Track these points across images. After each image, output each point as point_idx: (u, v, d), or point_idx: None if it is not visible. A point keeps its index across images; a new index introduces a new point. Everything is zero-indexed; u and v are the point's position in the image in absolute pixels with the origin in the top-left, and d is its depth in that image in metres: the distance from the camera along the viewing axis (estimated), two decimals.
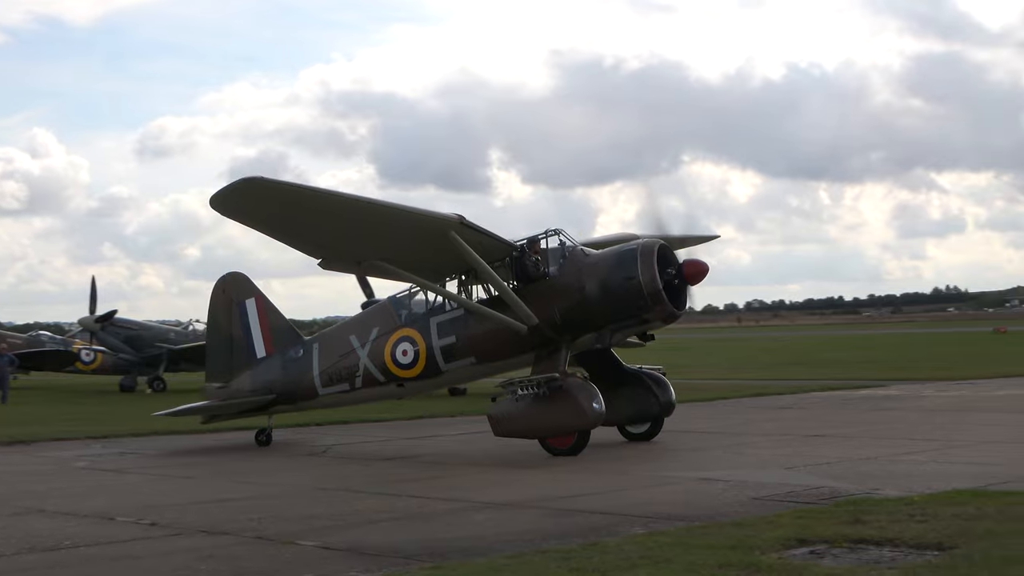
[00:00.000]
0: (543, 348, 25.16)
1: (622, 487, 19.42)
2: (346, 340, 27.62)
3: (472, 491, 19.59)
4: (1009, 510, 14.67)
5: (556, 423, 24.23)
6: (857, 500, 16.33)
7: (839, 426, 28.70)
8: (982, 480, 18.26)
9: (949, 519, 14.18)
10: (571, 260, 25.40)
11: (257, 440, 28.78)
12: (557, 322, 24.95)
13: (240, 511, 17.76)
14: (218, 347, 29.62)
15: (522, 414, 24.46)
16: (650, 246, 24.81)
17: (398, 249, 24.48)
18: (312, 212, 23.17)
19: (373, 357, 26.92)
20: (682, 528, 14.52)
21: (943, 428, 27.39)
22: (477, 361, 26.10)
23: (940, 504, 15.36)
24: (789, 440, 26.16)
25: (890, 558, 12.35)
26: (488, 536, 14.87)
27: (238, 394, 28.81)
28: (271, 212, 23.07)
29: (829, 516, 14.82)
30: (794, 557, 12.52)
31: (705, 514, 15.82)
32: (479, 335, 25.72)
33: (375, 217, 23.69)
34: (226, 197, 22.34)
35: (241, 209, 23.17)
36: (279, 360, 28.65)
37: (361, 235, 24.03)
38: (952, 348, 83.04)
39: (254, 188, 22.11)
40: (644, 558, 12.51)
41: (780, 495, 17.58)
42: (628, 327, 25.37)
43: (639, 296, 24.41)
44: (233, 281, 29.92)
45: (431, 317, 26.37)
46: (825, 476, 19.78)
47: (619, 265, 24.73)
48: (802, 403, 37.42)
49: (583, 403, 23.98)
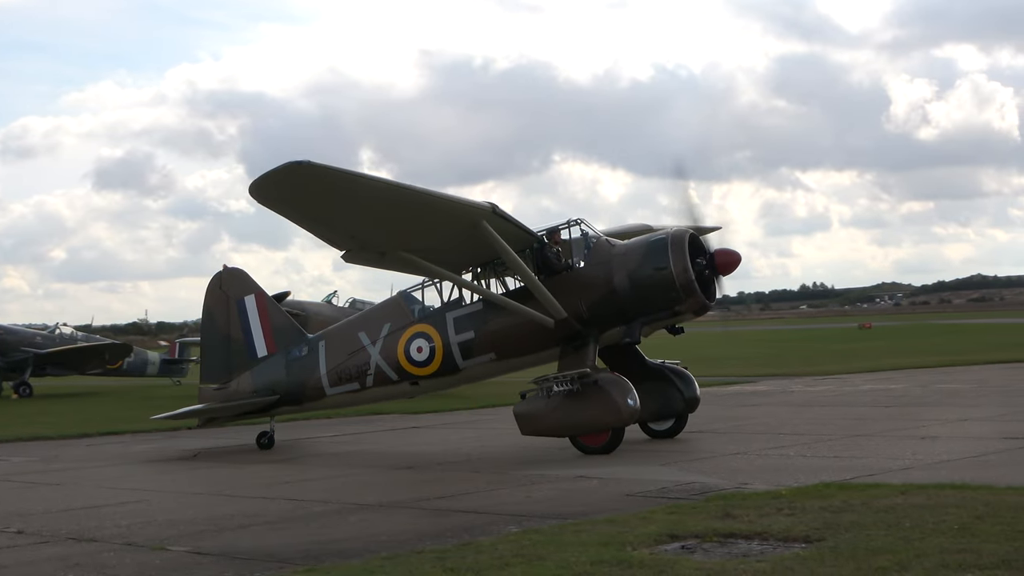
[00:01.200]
0: (568, 343, 24.24)
1: (499, 486, 19.48)
2: (355, 337, 26.44)
3: (348, 493, 19.53)
4: (874, 502, 14.99)
5: (589, 420, 23.37)
6: (727, 495, 16.61)
7: (709, 422, 29.05)
8: (849, 473, 18.69)
9: (816, 512, 14.47)
10: (597, 251, 24.58)
11: (259, 443, 27.62)
12: (584, 315, 24.06)
13: (110, 517, 17.50)
14: (214, 346, 28.33)
15: (552, 411, 23.58)
16: (681, 235, 24.02)
17: (425, 239, 23.37)
18: (353, 199, 21.87)
19: (385, 354, 25.76)
20: (556, 526, 14.62)
21: (811, 423, 27.92)
22: (497, 357, 25.02)
23: (807, 497, 15.67)
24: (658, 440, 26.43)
25: (759, 551, 12.57)
26: (364, 537, 14.85)
27: (238, 395, 27.57)
28: (314, 198, 21.70)
29: (700, 511, 15.05)
30: (666, 552, 12.68)
31: (579, 511, 15.95)
32: (500, 330, 24.72)
33: (412, 204, 22.40)
34: (270, 183, 20.99)
35: (283, 195, 21.74)
36: (282, 359, 27.43)
37: (394, 224, 22.75)
38: (819, 344, 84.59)
39: (302, 173, 20.77)
40: (518, 556, 12.58)
41: (653, 491, 17.81)
42: (659, 320, 24.45)
43: (671, 287, 23.62)
44: (230, 277, 28.69)
45: (447, 312, 25.32)
46: (696, 472, 20.08)
47: (649, 255, 23.91)
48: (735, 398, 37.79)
49: (618, 399, 23.15)
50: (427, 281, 25.79)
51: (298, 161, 20.46)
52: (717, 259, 24.22)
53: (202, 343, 29.54)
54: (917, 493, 15.60)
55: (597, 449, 23.27)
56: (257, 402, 27.37)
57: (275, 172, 20.56)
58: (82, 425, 34.89)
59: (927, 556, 11.65)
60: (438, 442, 28.12)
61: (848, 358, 59.73)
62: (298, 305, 49.45)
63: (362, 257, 24.09)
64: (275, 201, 22.02)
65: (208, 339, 28.75)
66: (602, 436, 23.38)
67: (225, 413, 27.92)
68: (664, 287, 23.64)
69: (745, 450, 23.06)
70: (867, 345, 78.77)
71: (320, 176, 21.05)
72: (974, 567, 11.14)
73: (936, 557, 11.59)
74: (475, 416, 34.14)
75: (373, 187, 21.96)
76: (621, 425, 23.44)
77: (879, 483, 17.05)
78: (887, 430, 25.50)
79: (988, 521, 13.29)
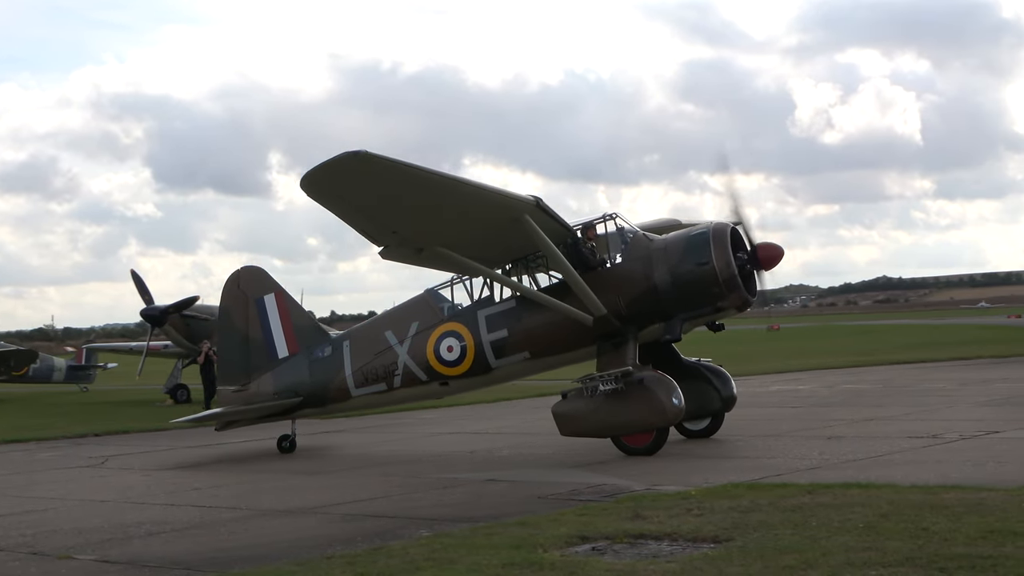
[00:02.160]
0: (606, 341, 23.43)
1: (411, 491, 19.44)
2: (381, 337, 25.64)
3: (257, 499, 19.38)
4: (782, 502, 15.17)
5: (633, 420, 22.67)
6: (637, 496, 16.71)
7: None
8: (757, 473, 18.88)
9: (725, 512, 14.61)
10: (635, 246, 23.83)
11: (280, 446, 26.99)
12: (622, 312, 23.25)
13: (15, 527, 17.22)
14: (232, 347, 27.41)
15: (594, 412, 22.90)
16: (722, 229, 23.43)
17: (465, 234, 22.60)
18: (404, 190, 21.02)
19: (414, 354, 24.99)
20: (467, 529, 14.62)
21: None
22: (531, 356, 24.20)
23: (716, 498, 15.82)
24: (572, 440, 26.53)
25: (669, 552, 12.66)
26: (273, 543, 14.75)
27: (259, 397, 26.71)
28: (365, 190, 20.89)
29: (611, 512, 15.13)
30: (576, 554, 12.74)
31: (490, 514, 15.96)
32: (535, 328, 23.92)
33: (460, 196, 21.65)
34: (324, 174, 20.18)
35: (335, 187, 20.81)
36: (304, 360, 26.64)
37: (438, 217, 21.93)
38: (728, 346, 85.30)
39: (359, 164, 19.97)
40: (429, 560, 12.58)
41: (564, 493, 17.87)
42: (701, 316, 23.76)
43: (713, 283, 22.98)
44: (248, 276, 27.81)
45: (478, 310, 24.53)
46: (607, 473, 20.18)
47: (690, 250, 23.23)
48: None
49: (663, 398, 22.46)
50: (456, 278, 25.05)
51: (355, 151, 19.71)
52: (760, 253, 23.62)
53: (219, 344, 28.56)
54: (824, 492, 15.80)
55: (641, 450, 22.64)
56: (279, 404, 26.54)
57: (331, 163, 19.85)
58: None
59: (833, 554, 11.81)
60: (353, 446, 28.02)
61: (756, 359, 60.29)
62: (207, 310, 48.90)
63: (399, 253, 23.13)
64: (326, 193, 21.16)
65: (225, 340, 27.83)
66: (646, 437, 22.75)
67: (246, 416, 27.00)
68: (707, 283, 23.02)
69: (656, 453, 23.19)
70: (775, 346, 79.63)
71: (375, 167, 20.23)
72: (878, 565, 11.31)
73: (842, 555, 11.75)
74: (392, 420, 33.98)
75: (426, 178, 20.97)
76: (666, 425, 22.90)
77: (787, 483, 17.24)
78: (794, 430, 25.80)
79: (892, 519, 13.50)
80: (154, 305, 48.02)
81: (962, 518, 13.36)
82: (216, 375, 28.25)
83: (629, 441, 22.84)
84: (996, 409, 28.66)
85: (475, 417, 34.10)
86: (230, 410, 26.80)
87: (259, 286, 27.45)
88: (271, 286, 27.49)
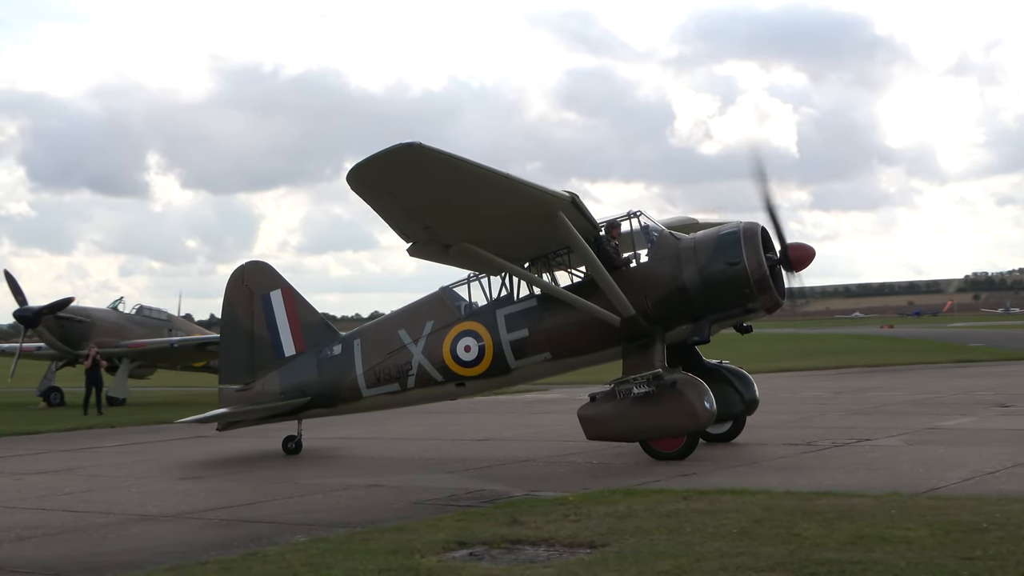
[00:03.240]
0: (631, 342, 22.72)
1: (288, 495, 19.29)
2: (394, 335, 24.79)
3: (132, 503, 19.07)
4: (658, 508, 15.34)
5: (664, 424, 22.02)
6: (516, 502, 16.77)
7: (499, 430, 29.35)
8: (634, 479, 19.05)
9: (602, 518, 14.74)
10: (661, 244, 23.12)
11: (285, 448, 26.17)
12: (649, 312, 22.53)
13: None
14: (236, 344, 26.49)
15: (623, 415, 22.26)
16: (753, 228, 22.78)
17: (497, 230, 21.90)
18: (451, 184, 20.35)
19: (429, 354, 24.20)
20: (345, 534, 14.57)
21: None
22: (553, 357, 23.43)
23: (593, 503, 15.95)
24: (453, 444, 26.59)
25: (545, 557, 12.74)
26: (147, 549, 14.54)
27: (264, 397, 25.84)
28: (412, 184, 20.13)
29: (489, 518, 15.17)
30: (453, 559, 12.76)
31: (368, 520, 15.92)
32: (557, 328, 23.18)
33: (501, 191, 20.90)
34: (375, 166, 19.56)
35: (383, 180, 20.06)
36: (313, 358, 25.79)
37: (475, 213, 21.31)
38: None
39: (411, 156, 19.29)
40: (306, 566, 12.51)
41: (442, 499, 17.88)
42: (730, 317, 23.06)
43: (744, 283, 22.29)
44: (254, 271, 26.91)
45: (497, 308, 23.75)
46: (486, 479, 20.23)
47: (721, 249, 22.54)
48: (467, 407, 37.91)
49: (695, 402, 21.86)
50: (473, 275, 24.36)
51: (408, 143, 19.12)
52: (791, 253, 22.95)
53: (222, 341, 27.50)
54: (699, 498, 16.02)
55: (671, 455, 21.97)
56: (286, 404, 25.71)
57: (383, 155, 19.32)
58: None
59: (707, 560, 11.98)
60: (227, 453, 27.69)
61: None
62: (83, 312, 48.14)
63: (427, 250, 22.50)
64: (372, 186, 20.45)
65: (229, 337, 26.96)
66: (676, 441, 22.08)
67: (251, 416, 26.11)
68: (738, 283, 22.35)
69: (535, 457, 23.31)
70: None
71: (427, 159, 19.61)
72: (751, 570, 11.49)
73: (715, 561, 11.92)
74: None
75: (475, 173, 20.36)
76: (698, 429, 22.26)
77: (663, 489, 17.45)
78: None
79: (766, 525, 13.73)
80: (27, 306, 47.13)
81: (833, 524, 13.63)
82: (99, 380, 27.22)
83: (659, 446, 22.21)
84: (868, 417, 29.25)
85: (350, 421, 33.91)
86: (237, 410, 25.89)
87: (265, 282, 26.65)
88: (278, 282, 26.71)
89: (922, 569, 11.27)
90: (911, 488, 16.86)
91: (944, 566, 11.34)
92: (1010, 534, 12.69)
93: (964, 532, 12.89)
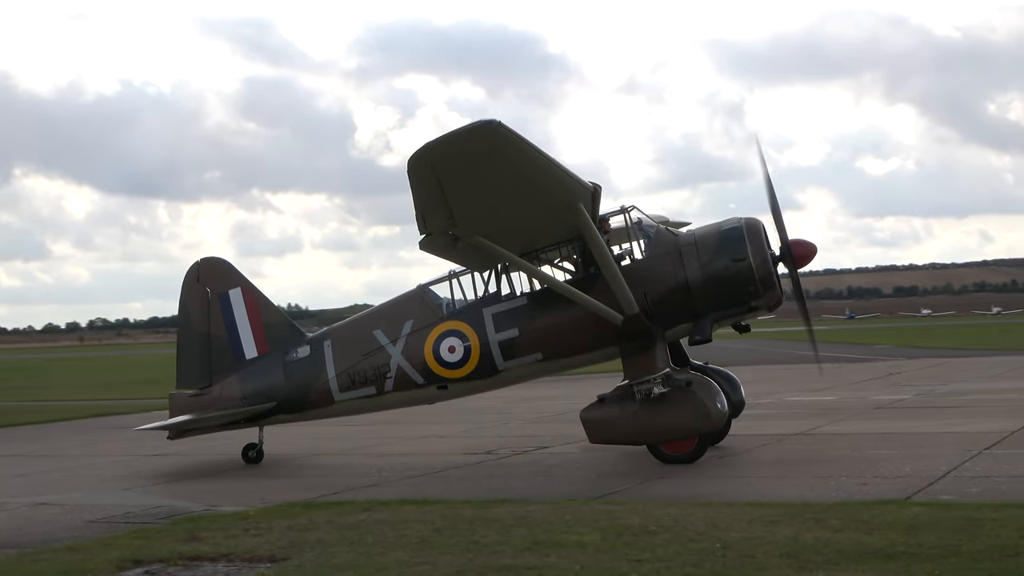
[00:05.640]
0: (629, 341, 21.67)
1: None
2: (369, 336, 23.35)
3: None
4: (339, 520, 15.35)
5: (676, 426, 21.06)
6: (195, 517, 16.49)
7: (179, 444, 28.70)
8: (315, 492, 19.01)
9: (282, 531, 14.64)
10: (660, 240, 22.10)
11: (245, 457, 24.32)
12: (648, 311, 21.42)
13: None
14: (191, 347, 24.73)
15: (631, 417, 21.26)
16: (755, 224, 21.97)
17: (516, 221, 20.67)
18: (501, 171, 19.15)
19: (409, 355, 22.88)
20: (13, 556, 14.01)
21: (269, 442, 28.08)
22: (544, 357, 22.29)
23: (274, 517, 15.82)
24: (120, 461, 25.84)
25: (224, 572, 12.58)
26: None
27: (223, 402, 24.08)
28: (474, 167, 18.88)
29: (166, 535, 14.87)
30: None
31: (39, 540, 15.34)
32: (549, 327, 22.06)
33: (546, 179, 19.71)
34: (452, 145, 18.42)
35: (449, 161, 18.72)
36: (278, 361, 24.13)
37: (507, 202, 20.01)
38: None
39: (491, 137, 18.21)
40: None
41: (117, 516, 17.41)
42: (732, 315, 22.20)
43: (749, 280, 21.42)
44: (210, 268, 25.11)
45: (484, 307, 22.54)
46: (164, 495, 19.81)
47: (725, 245, 21.58)
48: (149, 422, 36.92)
49: (707, 402, 21.02)
50: (455, 272, 23.12)
51: (488, 120, 18.16)
52: (795, 250, 22.11)
53: (178, 343, 25.55)
54: (381, 509, 16.12)
55: (681, 458, 21.12)
56: (248, 410, 24.07)
57: (461, 133, 18.34)
58: None
59: (387, 570, 12.08)
60: None
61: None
62: None
63: (437, 244, 21.11)
64: (434, 168, 18.90)
65: (184, 338, 25.14)
66: (687, 444, 21.20)
67: (210, 423, 24.32)
68: (742, 280, 21.50)
69: (214, 472, 22.95)
70: None
71: (502, 142, 18.52)
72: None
73: (395, 570, 12.04)
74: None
75: (536, 158, 19.24)
76: (711, 431, 21.46)
77: (344, 501, 17.49)
78: (350, 449, 26.16)
79: (446, 534, 13.93)
80: None
81: (511, 530, 13.95)
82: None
83: (669, 449, 21.32)
84: (546, 425, 30.01)
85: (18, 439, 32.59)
86: (194, 419, 24.15)
87: (223, 280, 25.02)
88: (237, 280, 25.07)
89: (594, 572, 11.67)
90: (585, 494, 17.45)
91: (615, 568, 11.76)
92: (676, 536, 13.26)
93: (634, 535, 13.40)
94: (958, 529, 12.99)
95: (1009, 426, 24.76)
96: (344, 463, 23.73)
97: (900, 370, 50.09)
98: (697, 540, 12.97)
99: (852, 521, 13.71)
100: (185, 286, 25.28)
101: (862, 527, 13.36)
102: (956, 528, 13.06)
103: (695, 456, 21.19)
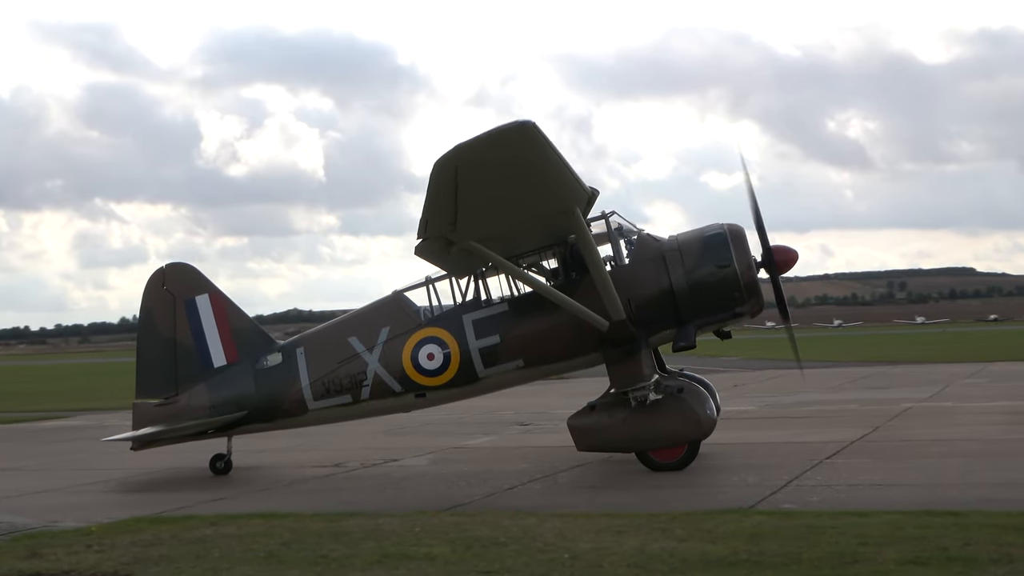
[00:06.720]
0: (613, 348, 21.42)
1: None
2: (344, 343, 22.73)
3: None
4: (185, 534, 15.13)
5: (665, 433, 20.86)
6: (35, 534, 16.09)
7: (21, 459, 28.02)
8: (160, 507, 18.73)
9: (126, 547, 14.37)
10: (642, 246, 21.92)
11: (213, 467, 23.47)
12: (632, 316, 21.17)
13: None
14: (155, 355, 23.74)
15: (619, 424, 21.04)
16: (739, 230, 21.83)
17: (512, 226, 20.30)
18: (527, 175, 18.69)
19: (387, 362, 22.35)
20: None
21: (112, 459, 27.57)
22: (525, 364, 21.99)
23: (118, 533, 15.53)
24: None
25: None
26: None
27: (191, 412, 23.19)
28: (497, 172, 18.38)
29: (5, 552, 14.48)
30: None
31: None
32: (531, 334, 21.77)
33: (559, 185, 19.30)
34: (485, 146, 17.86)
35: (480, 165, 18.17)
36: (248, 369, 23.34)
37: (513, 206, 19.56)
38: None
39: (522, 138, 17.67)
40: None
41: None
42: (717, 321, 21.94)
43: (734, 287, 21.28)
44: (175, 273, 24.18)
45: (464, 314, 22.13)
46: (4, 511, 19.27)
47: (708, 251, 21.45)
48: None
49: (697, 408, 20.95)
50: (433, 276, 22.60)
51: (522, 122, 17.66)
52: (776, 256, 21.94)
53: (139, 350, 24.47)
54: (228, 523, 15.93)
55: (670, 465, 20.94)
56: (217, 420, 23.23)
57: (494, 134, 17.83)
58: None
59: None
60: None
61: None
62: None
63: (431, 248, 20.66)
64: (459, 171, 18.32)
65: (147, 346, 24.13)
66: (677, 451, 21.03)
67: (178, 434, 23.45)
68: (727, 286, 21.37)
69: (56, 487, 22.49)
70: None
71: (532, 143, 18.03)
72: None
73: None
74: None
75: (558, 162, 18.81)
76: (701, 438, 21.23)
77: (191, 515, 17.25)
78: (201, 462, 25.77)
79: (294, 548, 13.84)
80: None
81: (360, 544, 13.90)
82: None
83: (658, 456, 21.13)
84: (397, 438, 29.95)
85: None
86: (167, 428, 23.30)
87: (189, 285, 24.17)
88: (204, 286, 24.27)
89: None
90: (435, 506, 17.48)
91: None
92: (525, 547, 13.35)
93: (483, 547, 13.46)
94: (799, 537, 13.32)
95: (849, 436, 25.44)
96: (193, 477, 23.37)
97: (744, 382, 51.02)
98: (546, 551, 13.08)
99: (697, 531, 13.97)
100: (148, 292, 24.48)
101: (706, 536, 13.62)
102: (797, 536, 13.39)
103: (684, 463, 21.13)
